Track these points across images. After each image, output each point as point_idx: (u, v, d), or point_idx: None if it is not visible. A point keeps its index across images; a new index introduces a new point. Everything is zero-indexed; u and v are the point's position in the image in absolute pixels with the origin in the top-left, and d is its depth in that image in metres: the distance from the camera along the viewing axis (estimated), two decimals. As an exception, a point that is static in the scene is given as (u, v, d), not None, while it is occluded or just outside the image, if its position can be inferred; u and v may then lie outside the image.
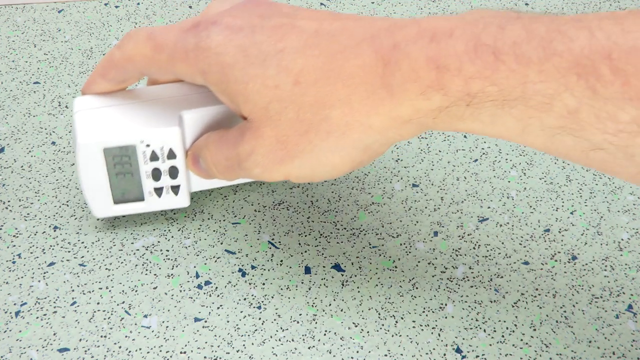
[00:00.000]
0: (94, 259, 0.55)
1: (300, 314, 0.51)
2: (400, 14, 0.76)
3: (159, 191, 0.55)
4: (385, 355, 0.49)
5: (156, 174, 0.54)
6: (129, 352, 0.49)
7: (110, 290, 0.53)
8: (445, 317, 0.51)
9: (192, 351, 0.49)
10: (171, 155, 0.52)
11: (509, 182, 0.60)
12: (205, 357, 0.49)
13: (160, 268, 0.54)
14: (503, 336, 0.50)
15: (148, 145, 0.52)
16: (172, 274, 0.54)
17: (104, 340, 0.50)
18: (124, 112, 0.53)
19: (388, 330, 0.50)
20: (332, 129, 0.42)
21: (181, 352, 0.49)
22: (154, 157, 0.53)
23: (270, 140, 0.44)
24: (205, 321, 0.51)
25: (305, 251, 0.55)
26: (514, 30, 0.38)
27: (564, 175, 0.60)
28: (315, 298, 0.52)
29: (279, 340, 0.50)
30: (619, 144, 0.37)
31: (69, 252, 0.55)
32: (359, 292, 0.52)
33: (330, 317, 0.51)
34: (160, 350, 0.49)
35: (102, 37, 0.74)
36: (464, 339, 0.49)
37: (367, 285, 0.53)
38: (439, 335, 0.50)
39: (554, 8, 0.77)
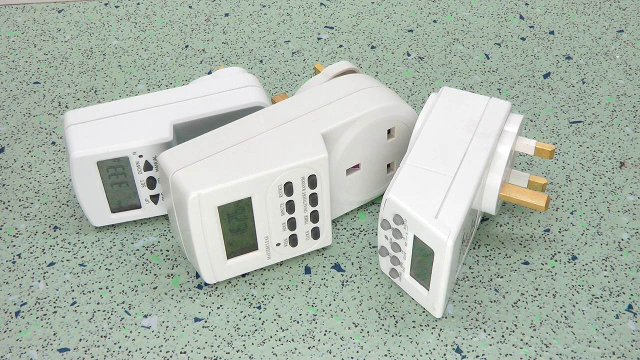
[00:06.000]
0: (94, 259, 0.55)
1: (300, 314, 0.51)
2: (400, 14, 0.76)
3: (154, 198, 0.55)
4: (385, 355, 0.49)
5: (151, 183, 0.54)
6: (129, 352, 0.49)
7: (110, 290, 0.53)
8: (445, 317, 0.51)
9: (192, 351, 0.49)
10: None
11: (509, 182, 0.60)
12: (205, 357, 0.49)
13: (160, 268, 0.54)
14: (503, 336, 0.50)
15: (141, 156, 0.53)
16: (172, 274, 0.54)
17: (104, 340, 0.50)
18: (115, 124, 0.53)
19: (388, 330, 0.50)
20: None
21: (181, 352, 0.49)
22: (147, 166, 0.53)
23: None
24: (205, 321, 0.51)
25: (305, 251, 0.55)
26: None
27: (564, 175, 0.60)
28: (315, 298, 0.52)
29: (279, 340, 0.50)
30: None
31: (69, 252, 0.55)
32: (359, 292, 0.52)
33: (330, 317, 0.51)
34: (160, 350, 0.49)
35: (102, 37, 0.74)
36: (464, 339, 0.49)
37: (367, 285, 0.53)
38: (439, 335, 0.50)
39: (554, 8, 0.77)
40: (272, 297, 0.52)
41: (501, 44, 0.72)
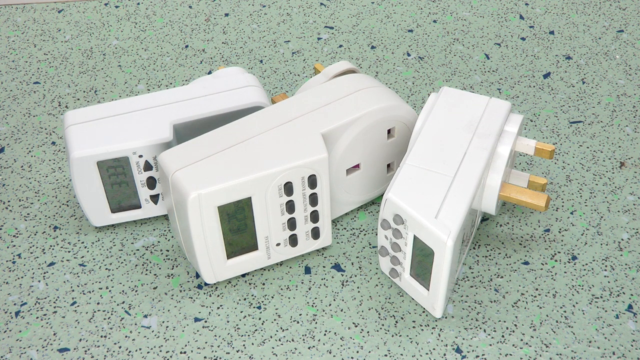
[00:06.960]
0: (94, 259, 0.55)
1: (300, 314, 0.51)
2: (400, 14, 0.76)
3: (154, 198, 0.55)
4: (385, 355, 0.49)
5: (151, 183, 0.54)
6: (129, 352, 0.49)
7: (110, 290, 0.53)
8: (445, 317, 0.51)
9: (192, 351, 0.49)
10: None
11: (509, 182, 0.60)
12: (205, 357, 0.49)
13: (160, 268, 0.54)
14: (503, 336, 0.50)
15: (141, 156, 0.53)
16: (172, 274, 0.54)
17: (104, 340, 0.50)
18: (115, 125, 0.53)
19: (388, 330, 0.50)
20: None
21: (181, 352, 0.49)
22: (147, 166, 0.53)
23: None
24: (205, 321, 0.51)
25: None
26: None
27: (564, 175, 0.60)
28: (315, 298, 0.52)
29: (279, 340, 0.50)
30: None
31: (69, 252, 0.55)
32: (359, 292, 0.52)
33: (330, 317, 0.51)
34: (160, 350, 0.49)
35: (102, 37, 0.74)
36: (464, 339, 0.49)
37: (367, 285, 0.53)
38: (439, 335, 0.50)
39: (554, 8, 0.77)
40: (272, 297, 0.52)
41: (501, 44, 0.72)
